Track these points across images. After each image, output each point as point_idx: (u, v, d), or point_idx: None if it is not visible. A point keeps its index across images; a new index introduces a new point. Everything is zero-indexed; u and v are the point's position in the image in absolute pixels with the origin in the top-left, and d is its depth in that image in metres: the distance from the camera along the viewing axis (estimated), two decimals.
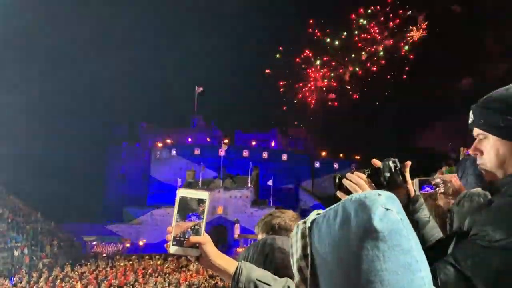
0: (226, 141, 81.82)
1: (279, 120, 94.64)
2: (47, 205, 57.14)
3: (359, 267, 0.63)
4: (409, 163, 1.59)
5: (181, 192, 1.39)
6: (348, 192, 1.60)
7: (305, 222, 0.79)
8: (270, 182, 73.48)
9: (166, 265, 35.62)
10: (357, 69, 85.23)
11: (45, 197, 72.00)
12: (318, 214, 0.78)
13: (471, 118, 1.38)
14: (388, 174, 1.54)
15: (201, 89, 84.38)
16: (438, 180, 2.34)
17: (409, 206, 1.54)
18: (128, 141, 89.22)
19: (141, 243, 60.50)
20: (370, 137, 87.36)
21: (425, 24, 77.77)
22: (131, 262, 37.59)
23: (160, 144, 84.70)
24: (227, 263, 1.44)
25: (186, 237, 1.36)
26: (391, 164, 1.55)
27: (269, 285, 1.45)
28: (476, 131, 1.38)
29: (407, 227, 0.66)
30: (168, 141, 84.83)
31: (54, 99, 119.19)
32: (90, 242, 57.53)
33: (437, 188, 2.36)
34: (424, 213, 1.55)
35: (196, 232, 1.37)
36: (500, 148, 1.31)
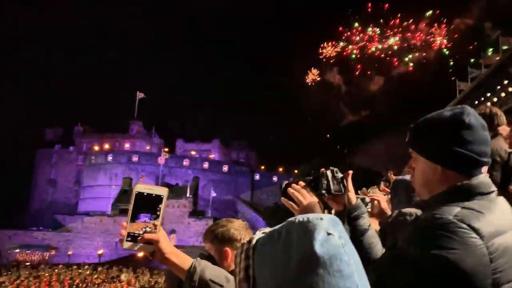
0: (166, 149, 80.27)
1: (222, 131, 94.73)
2: None
3: None
4: (350, 172, 1.65)
5: (138, 188, 1.36)
6: (291, 199, 1.66)
7: (249, 242, 0.78)
8: (212, 193, 72.90)
9: (96, 276, 34.04)
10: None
11: None
12: (263, 233, 0.77)
13: (407, 137, 1.44)
14: (325, 182, 1.62)
15: (142, 95, 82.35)
16: (367, 199, 2.39)
17: (349, 213, 1.59)
18: (62, 145, 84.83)
19: (69, 251, 57.58)
20: (309, 153, 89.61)
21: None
22: (57, 272, 35.56)
23: (96, 149, 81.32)
24: (182, 261, 1.43)
25: (141, 233, 1.34)
26: (329, 173, 1.62)
27: (221, 286, 1.45)
28: (411, 150, 1.45)
29: (348, 252, 0.65)
30: (106, 146, 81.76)
31: None
32: (13, 250, 53.89)
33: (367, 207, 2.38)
34: (364, 221, 1.59)
35: (152, 229, 1.35)
36: (426, 169, 1.38)
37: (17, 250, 54.01)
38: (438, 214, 1.22)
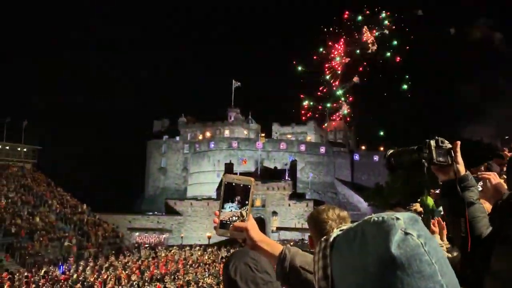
0: (263, 134, 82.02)
1: (317, 112, 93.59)
2: (92, 197, 59.47)
3: None
4: (458, 142, 1.59)
5: (227, 178, 1.43)
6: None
7: (327, 240, 0.76)
8: (309, 175, 72.98)
9: (206, 256, 36.22)
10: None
11: (90, 190, 75.05)
12: (341, 230, 0.75)
13: None
14: (428, 152, 1.56)
15: (238, 83, 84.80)
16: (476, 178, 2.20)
17: (456, 185, 1.53)
18: (168, 135, 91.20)
19: (181, 234, 61.75)
20: (413, 128, 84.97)
21: None
22: (172, 253, 38.46)
23: (199, 137, 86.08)
24: (272, 248, 1.44)
25: (232, 221, 1.41)
26: (433, 143, 1.56)
27: (312, 273, 1.46)
28: None
29: (430, 251, 0.62)
30: (208, 134, 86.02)
31: (95, 96, 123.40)
32: (133, 233, 59.26)
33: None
34: (471, 194, 1.54)
35: (242, 217, 1.41)
36: None
37: (137, 233, 59.41)
38: None
